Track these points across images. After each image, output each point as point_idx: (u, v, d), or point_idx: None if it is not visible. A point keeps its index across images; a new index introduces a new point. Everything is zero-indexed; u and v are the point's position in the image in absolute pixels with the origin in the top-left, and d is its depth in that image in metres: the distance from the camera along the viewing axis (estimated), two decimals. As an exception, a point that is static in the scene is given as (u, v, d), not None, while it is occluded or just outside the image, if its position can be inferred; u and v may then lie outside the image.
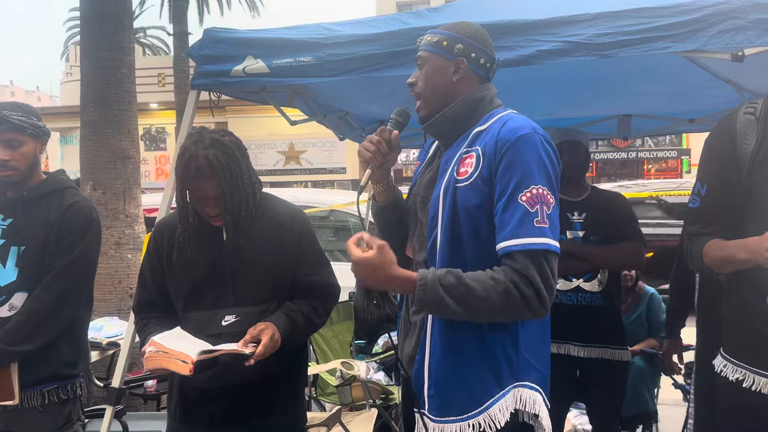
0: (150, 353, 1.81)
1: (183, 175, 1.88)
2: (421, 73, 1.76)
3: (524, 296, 1.52)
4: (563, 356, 2.93)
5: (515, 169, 1.57)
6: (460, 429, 1.61)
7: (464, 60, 1.71)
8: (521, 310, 1.54)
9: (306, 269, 2.03)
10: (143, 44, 31.55)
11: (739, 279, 1.73)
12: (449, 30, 1.74)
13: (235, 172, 1.89)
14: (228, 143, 1.91)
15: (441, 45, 1.72)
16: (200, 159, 1.85)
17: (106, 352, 3.60)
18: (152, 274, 2.06)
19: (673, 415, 4.42)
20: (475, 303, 1.53)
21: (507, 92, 2.85)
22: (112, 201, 4.71)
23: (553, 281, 1.55)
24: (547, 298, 1.54)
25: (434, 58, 1.73)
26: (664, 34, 2.04)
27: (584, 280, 2.92)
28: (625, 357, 2.95)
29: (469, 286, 1.53)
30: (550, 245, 1.54)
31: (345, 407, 3.60)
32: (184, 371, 1.73)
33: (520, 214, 1.54)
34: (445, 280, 1.54)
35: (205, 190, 1.88)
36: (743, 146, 1.71)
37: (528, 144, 1.58)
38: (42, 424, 2.24)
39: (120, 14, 4.73)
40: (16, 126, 2.21)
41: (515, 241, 1.54)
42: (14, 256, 2.23)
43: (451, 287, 1.53)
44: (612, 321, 2.97)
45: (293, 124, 3.58)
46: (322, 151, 22.13)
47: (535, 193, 1.55)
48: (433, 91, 1.74)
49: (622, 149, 21.19)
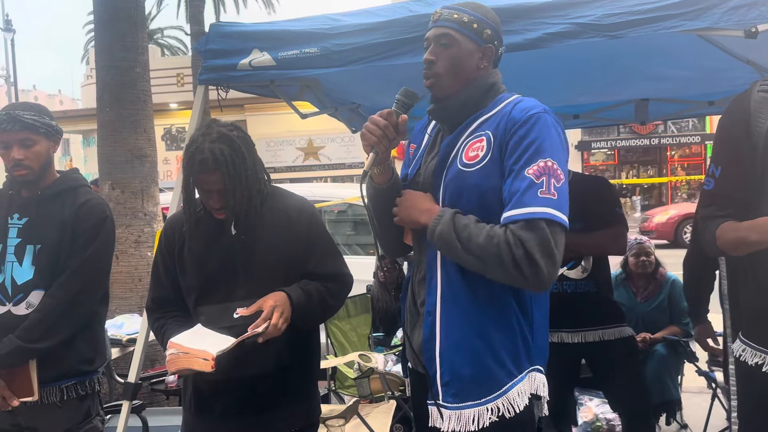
0: (171, 356, 1.81)
1: (187, 167, 1.89)
2: (446, 52, 1.66)
3: (513, 255, 1.48)
4: (557, 345, 2.89)
5: (525, 146, 1.54)
6: (478, 414, 1.58)
7: (492, 48, 1.67)
8: (510, 271, 1.49)
9: (316, 260, 2.02)
10: (161, 45, 31.83)
11: (755, 261, 1.68)
12: (475, 11, 1.66)
13: (240, 167, 1.89)
14: (235, 138, 1.91)
15: (471, 27, 1.65)
16: (205, 152, 1.85)
17: (127, 348, 3.64)
18: (165, 269, 2.07)
19: (698, 403, 4.36)
20: (473, 247, 1.52)
21: (522, 79, 2.83)
22: (130, 200, 4.76)
23: (554, 250, 1.49)
24: (541, 264, 1.48)
25: (465, 41, 1.65)
26: (675, 12, 2.00)
27: (567, 268, 2.89)
28: (625, 333, 2.92)
29: (472, 232, 1.53)
30: (552, 215, 1.49)
31: (364, 399, 3.61)
32: (207, 368, 1.74)
33: (525, 185, 1.51)
34: (457, 219, 1.56)
35: (209, 183, 1.89)
36: (757, 125, 1.66)
37: (539, 122, 1.55)
38: (61, 419, 2.27)
39: (133, 14, 4.76)
40: (28, 125, 2.23)
41: (516, 210, 1.50)
42: (30, 255, 2.26)
43: (459, 227, 1.54)
44: (602, 304, 2.94)
45: (304, 118, 3.57)
46: (340, 147, 22.16)
47: (543, 166, 1.51)
48: (457, 75, 1.66)
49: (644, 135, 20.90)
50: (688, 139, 21.08)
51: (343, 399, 3.97)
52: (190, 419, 2.05)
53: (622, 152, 21.99)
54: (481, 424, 1.58)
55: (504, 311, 1.61)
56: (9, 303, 2.24)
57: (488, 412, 1.58)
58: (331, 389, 4.03)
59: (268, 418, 1.98)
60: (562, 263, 2.81)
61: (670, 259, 4.94)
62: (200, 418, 2.02)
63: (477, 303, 1.60)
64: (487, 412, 1.58)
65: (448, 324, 1.63)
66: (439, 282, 1.65)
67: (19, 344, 2.15)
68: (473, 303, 1.61)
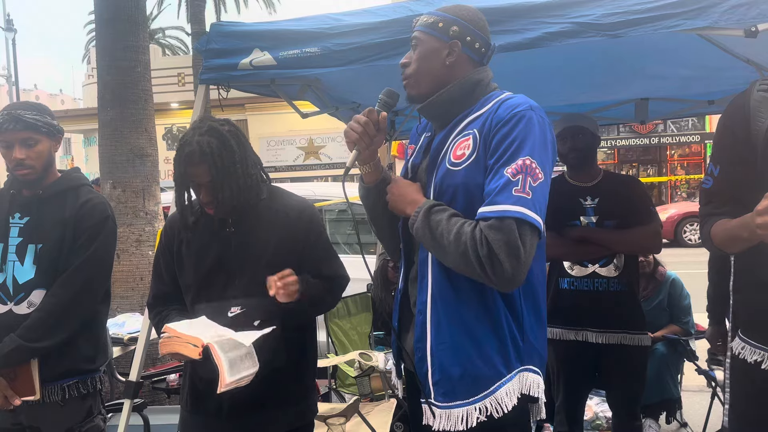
0: (163, 338, 1.83)
1: (176, 160, 1.91)
2: (415, 54, 1.74)
3: (477, 254, 1.48)
4: (581, 343, 2.90)
5: (507, 144, 1.54)
6: (467, 413, 1.59)
7: (458, 43, 1.70)
8: (474, 269, 1.50)
9: (313, 263, 2.03)
10: (162, 44, 31.82)
11: (753, 257, 1.69)
12: (446, 12, 1.72)
13: (227, 160, 1.89)
14: (225, 132, 1.92)
15: (436, 26, 1.71)
16: (193, 144, 1.86)
17: (128, 347, 3.64)
18: (167, 267, 2.08)
19: (698, 401, 4.37)
20: (443, 243, 1.55)
21: (522, 79, 2.84)
22: (131, 199, 4.77)
23: (521, 251, 1.47)
24: (505, 265, 1.47)
25: (428, 39, 1.72)
26: (674, 12, 2.00)
27: (600, 265, 2.88)
28: (644, 342, 2.91)
29: (443, 229, 1.55)
30: (524, 215, 1.48)
31: (364, 398, 3.61)
32: (193, 355, 1.74)
33: (502, 183, 1.51)
34: (434, 214, 1.59)
35: (197, 176, 1.89)
36: (757, 124, 1.66)
37: (522, 120, 1.55)
38: (63, 418, 2.28)
39: (133, 13, 4.77)
40: (30, 125, 2.24)
41: (489, 208, 1.51)
42: (32, 254, 2.26)
43: (433, 222, 1.58)
44: (630, 306, 2.92)
45: (304, 117, 3.58)
46: (340, 146, 22.12)
47: (521, 164, 1.51)
48: (426, 72, 1.72)
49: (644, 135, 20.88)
50: (688, 139, 21.05)
51: (344, 397, 3.97)
52: (185, 416, 2.07)
53: (621, 151, 21.94)
54: (470, 423, 1.59)
55: (492, 311, 1.61)
56: (10, 302, 2.25)
57: (476, 411, 1.59)
58: (331, 388, 4.04)
59: (261, 419, 1.99)
60: (595, 261, 2.87)
61: (670, 258, 4.95)
62: (195, 416, 2.03)
63: (465, 302, 1.61)
64: (475, 412, 1.59)
65: (438, 323, 1.64)
66: (430, 281, 1.66)
67: (21, 343, 2.16)
68: (461, 302, 1.62)
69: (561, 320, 2.91)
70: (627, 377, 2.92)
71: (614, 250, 2.86)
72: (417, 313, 1.70)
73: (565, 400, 3.01)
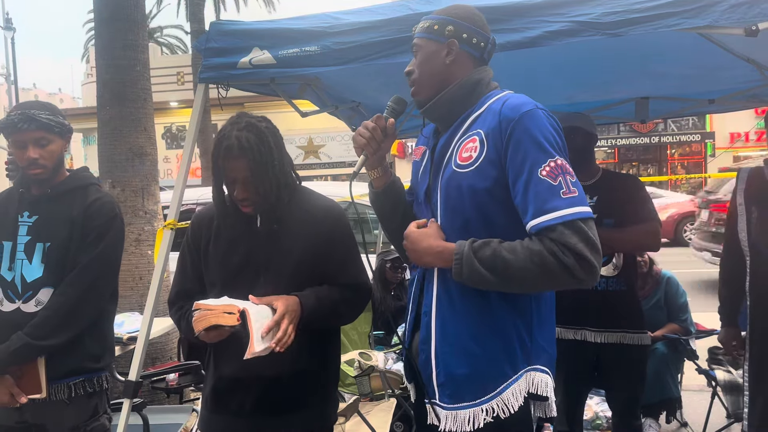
0: (197, 315, 1.80)
1: (215, 154, 1.89)
2: (417, 61, 1.76)
3: (564, 264, 1.47)
4: (580, 342, 2.90)
5: (527, 147, 1.52)
6: (473, 414, 1.59)
7: (455, 41, 1.70)
8: (564, 279, 1.48)
9: (336, 265, 2.00)
10: (161, 43, 31.82)
11: None
12: (441, 14, 1.75)
13: (266, 156, 1.88)
14: (263, 128, 1.92)
15: (432, 29, 1.73)
16: (232, 139, 1.86)
17: (127, 347, 3.64)
18: (192, 264, 2.06)
19: (698, 401, 4.37)
20: (513, 273, 1.50)
21: (522, 78, 2.84)
22: (130, 198, 4.76)
23: (597, 242, 1.49)
24: (594, 261, 1.48)
25: (427, 44, 1.74)
26: (675, 11, 1.99)
27: None
28: (644, 341, 2.90)
29: (505, 259, 1.50)
30: (583, 213, 1.49)
31: (364, 397, 3.61)
32: (231, 321, 1.73)
33: (544, 189, 1.49)
34: (481, 252, 1.52)
35: (234, 170, 1.88)
36: None
37: (534, 119, 1.55)
38: (69, 416, 2.28)
39: (133, 12, 4.75)
40: (44, 125, 2.26)
41: (546, 217, 1.48)
42: (40, 253, 2.27)
43: (486, 260, 1.51)
44: (630, 305, 2.92)
45: (304, 116, 3.57)
46: (340, 145, 22.16)
47: (554, 166, 1.51)
48: (429, 76, 1.73)
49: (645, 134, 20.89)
50: (689, 138, 21.06)
51: (344, 397, 3.96)
52: (206, 415, 2.05)
53: (622, 150, 21.96)
54: (476, 425, 1.59)
55: (499, 313, 1.61)
56: (19, 300, 2.26)
57: (483, 412, 1.59)
58: (331, 387, 4.03)
59: (281, 420, 1.97)
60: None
61: (670, 257, 4.95)
62: (215, 415, 2.02)
63: (471, 305, 1.61)
64: (482, 413, 1.59)
65: (444, 325, 1.64)
66: (435, 284, 1.67)
67: (28, 341, 2.16)
68: (468, 305, 1.61)
69: (560, 319, 2.88)
70: (627, 376, 2.92)
71: (613, 248, 2.85)
72: (422, 315, 1.70)
73: (564, 399, 3.01)
